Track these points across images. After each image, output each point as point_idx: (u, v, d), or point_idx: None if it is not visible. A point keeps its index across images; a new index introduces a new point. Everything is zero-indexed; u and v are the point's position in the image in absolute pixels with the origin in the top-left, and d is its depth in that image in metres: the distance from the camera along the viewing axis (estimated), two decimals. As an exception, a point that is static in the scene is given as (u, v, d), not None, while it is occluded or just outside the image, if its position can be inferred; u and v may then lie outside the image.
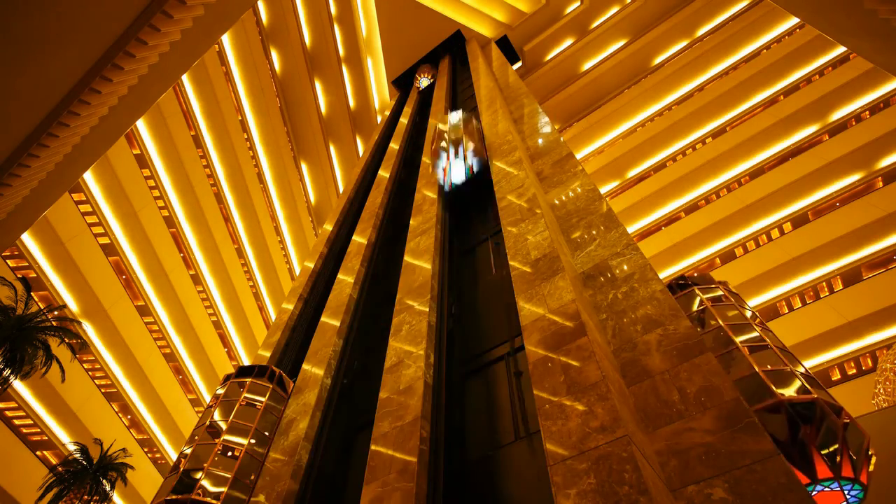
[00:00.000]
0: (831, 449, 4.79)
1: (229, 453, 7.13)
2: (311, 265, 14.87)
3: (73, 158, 11.73)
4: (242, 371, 8.72)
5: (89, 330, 26.35)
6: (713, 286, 6.99)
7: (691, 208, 26.53)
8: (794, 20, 26.65)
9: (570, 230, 7.85)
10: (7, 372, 18.17)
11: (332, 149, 37.48)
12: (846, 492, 4.77)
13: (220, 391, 8.35)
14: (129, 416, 30.10)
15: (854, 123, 23.26)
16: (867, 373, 18.31)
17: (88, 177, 25.28)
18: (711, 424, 4.03)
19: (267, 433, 7.70)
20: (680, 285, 7.14)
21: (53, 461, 24.59)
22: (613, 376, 4.68)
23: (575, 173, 9.35)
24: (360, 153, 36.09)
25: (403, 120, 24.40)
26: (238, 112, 33.64)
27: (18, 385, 23.52)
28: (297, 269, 42.31)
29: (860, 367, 18.90)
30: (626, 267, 6.33)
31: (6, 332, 17.96)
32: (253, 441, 7.42)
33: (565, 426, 4.23)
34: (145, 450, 30.61)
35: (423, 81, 30.10)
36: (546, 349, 5.17)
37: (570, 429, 4.18)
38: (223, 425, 7.51)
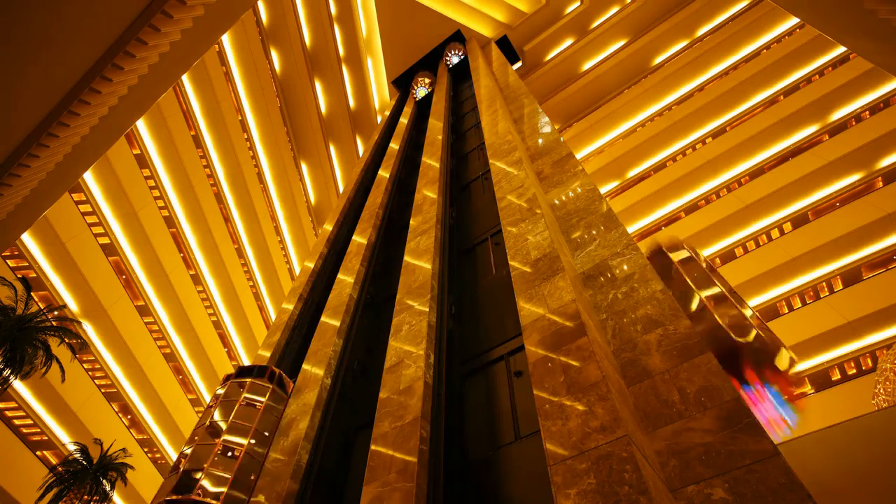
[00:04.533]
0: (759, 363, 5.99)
1: (229, 453, 7.13)
2: (311, 265, 14.87)
3: (73, 158, 11.73)
4: (242, 371, 8.71)
5: (89, 330, 26.35)
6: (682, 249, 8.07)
7: (691, 208, 26.51)
8: (794, 20, 26.65)
9: (570, 230, 7.85)
10: (7, 372, 18.17)
11: (332, 149, 37.48)
12: (767, 390, 5.84)
13: (220, 391, 8.33)
14: (129, 416, 30.10)
15: (854, 123, 23.25)
16: (867, 373, 18.30)
17: (88, 177, 25.28)
18: (711, 424, 4.03)
19: (267, 433, 7.70)
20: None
21: (53, 461, 24.58)
22: (613, 376, 4.68)
23: (575, 173, 9.35)
24: (360, 153, 36.09)
25: (403, 120, 24.41)
26: (238, 112, 33.63)
27: (18, 385, 23.52)
28: (297, 269, 42.31)
29: (860, 367, 18.89)
30: (626, 267, 6.33)
31: (6, 332, 17.95)
32: (253, 441, 7.42)
33: (565, 426, 4.24)
34: (145, 450, 30.61)
35: (421, 91, 29.44)
36: (546, 349, 5.17)
37: (571, 429, 4.18)
38: (223, 425, 7.49)
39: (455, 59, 29.08)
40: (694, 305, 7.56)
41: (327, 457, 7.52)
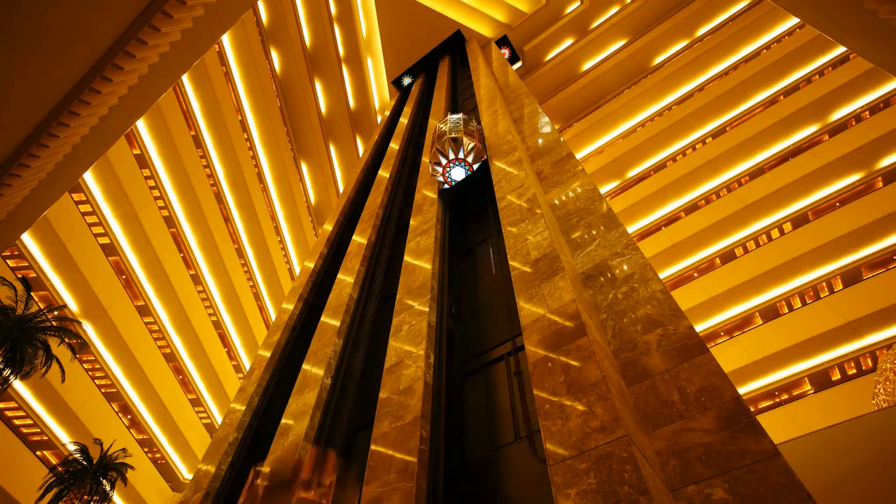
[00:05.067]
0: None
1: None
2: (311, 265, 14.87)
3: (73, 158, 11.73)
4: None
5: (89, 330, 26.35)
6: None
7: (691, 208, 26.52)
8: (794, 20, 26.65)
9: (570, 230, 7.85)
10: (7, 372, 18.18)
11: (332, 149, 37.48)
12: None
13: None
14: (129, 416, 30.10)
15: (854, 123, 23.26)
16: (867, 373, 18.30)
17: (88, 177, 25.28)
18: (711, 424, 4.03)
19: None
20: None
21: (53, 461, 24.59)
22: (613, 376, 4.68)
23: (575, 173, 9.36)
24: (360, 153, 36.10)
25: (403, 120, 24.41)
26: (238, 112, 33.63)
27: (18, 385, 23.52)
28: (297, 269, 42.32)
29: (860, 367, 18.90)
30: (626, 267, 6.33)
31: (6, 332, 17.96)
32: None
33: (565, 426, 4.24)
34: (145, 450, 30.60)
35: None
36: (546, 349, 5.17)
37: (570, 429, 4.18)
38: None
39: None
40: None
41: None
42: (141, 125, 27.53)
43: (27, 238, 23.60)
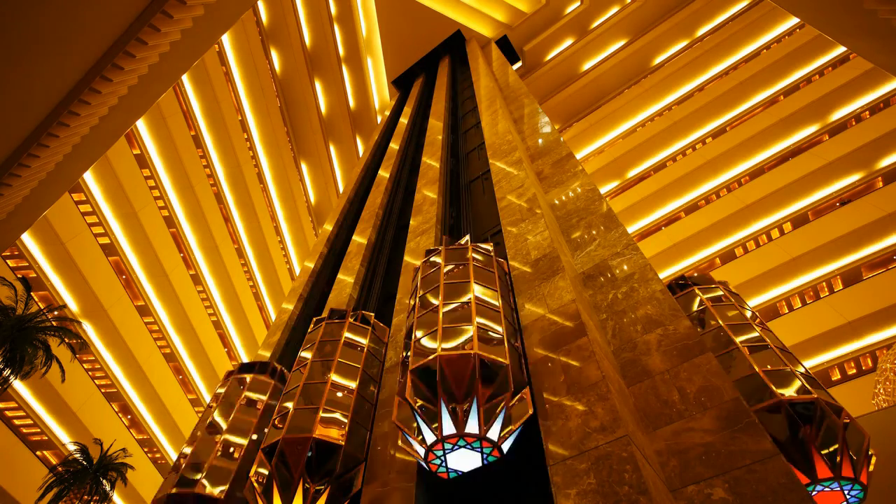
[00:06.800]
0: (831, 449, 4.73)
1: (231, 450, 7.13)
2: (311, 265, 14.86)
3: (73, 158, 11.74)
4: (244, 367, 8.62)
5: (89, 330, 26.35)
6: (713, 286, 6.87)
7: (691, 208, 26.52)
8: (794, 20, 26.66)
9: (570, 230, 7.85)
10: (7, 372, 18.17)
11: (332, 149, 37.50)
12: (846, 492, 4.71)
13: (221, 390, 8.29)
14: (129, 416, 30.10)
15: (854, 123, 23.25)
16: (867, 373, 18.30)
17: (88, 177, 25.28)
18: (711, 424, 4.03)
19: (267, 430, 7.66)
20: (680, 285, 7.03)
21: (53, 461, 24.58)
22: (613, 376, 4.68)
23: (575, 173, 9.36)
24: (360, 153, 36.10)
25: (403, 120, 24.41)
26: (238, 112, 33.64)
27: (18, 385, 23.52)
28: (297, 269, 42.32)
29: (860, 367, 18.89)
30: (626, 267, 6.33)
31: (6, 332, 17.94)
32: (255, 437, 7.40)
33: (565, 426, 4.23)
34: (145, 450, 30.61)
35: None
36: (546, 349, 5.17)
37: (571, 429, 4.18)
38: (223, 424, 7.47)
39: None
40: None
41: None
42: (141, 125, 27.53)
43: (27, 238, 23.61)
